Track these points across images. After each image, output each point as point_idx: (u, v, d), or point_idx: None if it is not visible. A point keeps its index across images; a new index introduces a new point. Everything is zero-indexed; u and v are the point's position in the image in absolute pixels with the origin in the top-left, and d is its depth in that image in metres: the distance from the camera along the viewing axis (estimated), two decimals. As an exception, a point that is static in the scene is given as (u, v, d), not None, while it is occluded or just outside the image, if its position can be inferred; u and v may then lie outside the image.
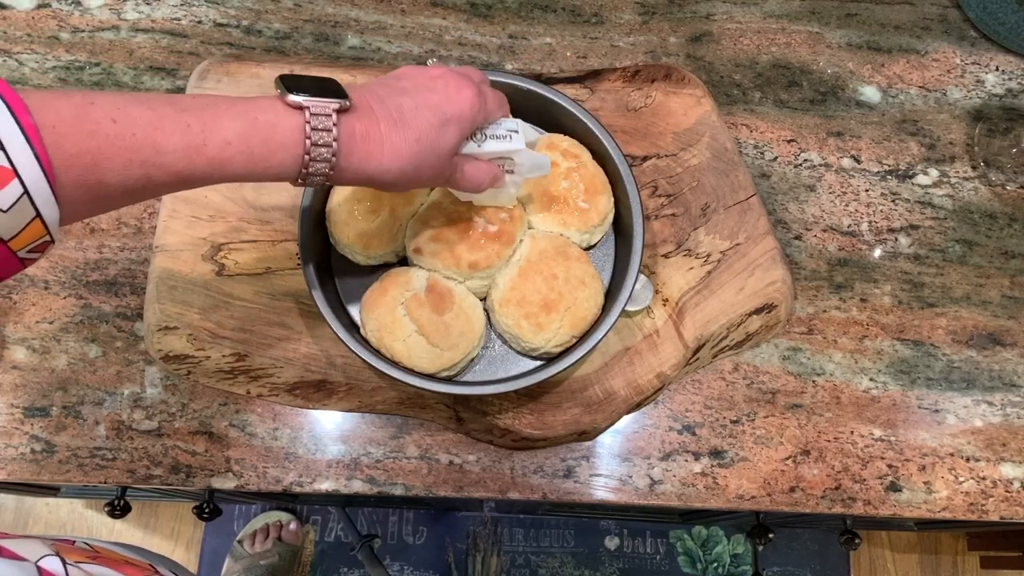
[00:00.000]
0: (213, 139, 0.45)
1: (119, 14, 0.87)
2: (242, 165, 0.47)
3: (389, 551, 1.61)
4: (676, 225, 0.79)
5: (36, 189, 0.39)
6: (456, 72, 0.56)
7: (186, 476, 0.74)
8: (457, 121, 0.53)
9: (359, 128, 0.49)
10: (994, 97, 0.90)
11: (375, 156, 0.50)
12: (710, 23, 0.91)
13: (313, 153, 0.48)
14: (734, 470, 0.76)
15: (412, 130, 0.51)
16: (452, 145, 0.54)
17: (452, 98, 0.53)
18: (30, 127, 0.39)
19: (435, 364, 0.66)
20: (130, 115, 0.43)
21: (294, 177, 0.49)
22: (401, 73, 0.55)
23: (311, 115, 0.47)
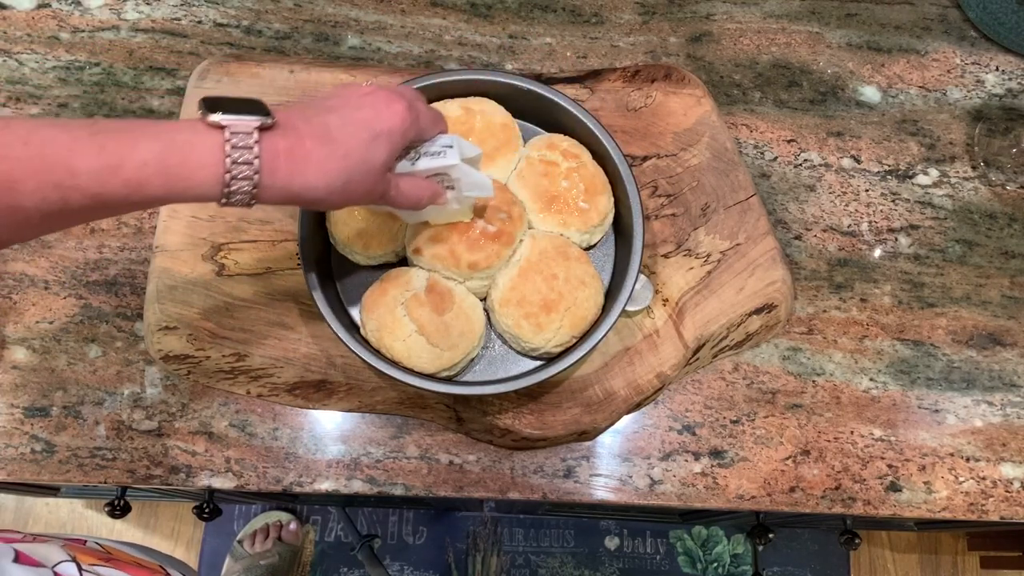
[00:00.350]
0: (129, 160, 0.44)
1: (119, 14, 0.87)
2: (160, 186, 0.46)
3: (389, 551, 1.61)
4: (676, 225, 0.79)
5: None
6: (386, 89, 0.55)
7: (186, 476, 0.74)
8: (387, 136, 0.53)
9: (283, 145, 0.49)
10: (994, 97, 0.90)
11: (300, 173, 0.49)
12: (710, 23, 0.91)
13: (234, 171, 0.47)
14: (734, 470, 0.76)
15: (339, 146, 0.50)
16: (383, 160, 0.53)
17: (381, 113, 0.53)
18: None
19: (435, 364, 0.66)
20: (42, 137, 0.42)
21: (217, 196, 0.48)
22: (329, 93, 0.55)
23: (231, 133, 0.46)
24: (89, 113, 0.83)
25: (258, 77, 0.80)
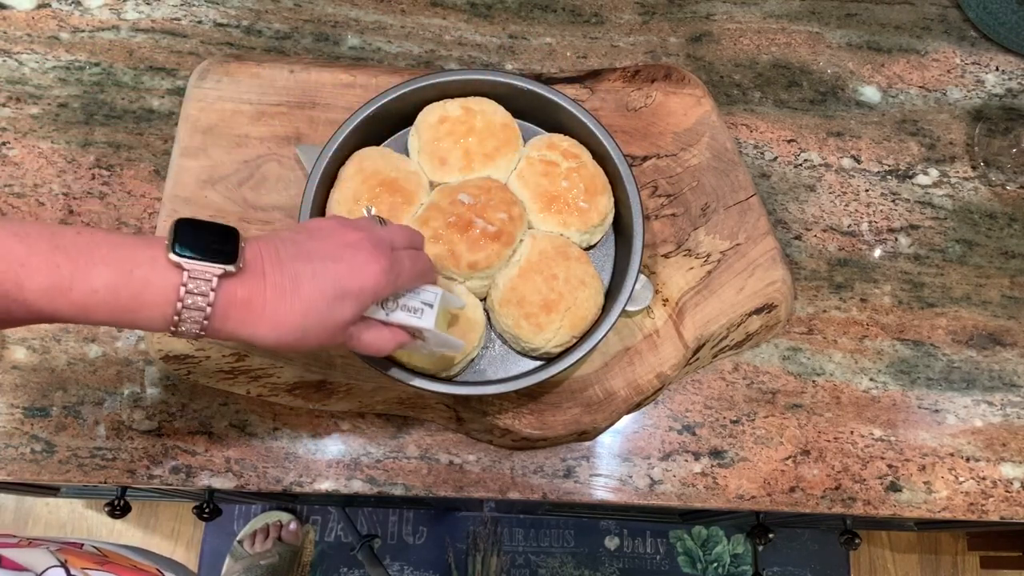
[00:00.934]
0: (80, 285, 0.43)
1: (119, 14, 0.87)
2: (105, 315, 0.45)
3: (389, 551, 1.61)
4: (676, 225, 0.79)
5: None
6: (371, 242, 0.52)
7: (186, 476, 0.74)
8: (356, 296, 0.50)
9: (240, 294, 0.47)
10: (994, 97, 0.90)
11: (252, 324, 0.48)
12: (710, 23, 0.91)
13: (183, 314, 0.46)
14: (734, 470, 0.76)
15: (300, 301, 0.48)
16: (346, 319, 0.51)
17: (356, 272, 0.50)
18: None
19: (435, 364, 0.66)
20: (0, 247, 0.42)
21: (162, 330, 0.47)
22: (317, 230, 0.52)
23: (189, 278, 0.45)
24: (89, 113, 0.83)
25: (258, 77, 0.80)
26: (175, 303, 0.45)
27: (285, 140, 0.79)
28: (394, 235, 0.56)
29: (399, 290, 0.55)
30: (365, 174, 0.69)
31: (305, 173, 0.76)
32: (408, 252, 0.55)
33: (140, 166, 0.82)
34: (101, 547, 0.61)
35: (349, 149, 0.71)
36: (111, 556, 0.59)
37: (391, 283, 0.52)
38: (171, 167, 0.78)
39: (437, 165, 0.71)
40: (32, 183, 0.81)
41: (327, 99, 0.80)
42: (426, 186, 0.71)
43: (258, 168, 0.78)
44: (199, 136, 0.78)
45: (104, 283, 0.44)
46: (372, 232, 0.53)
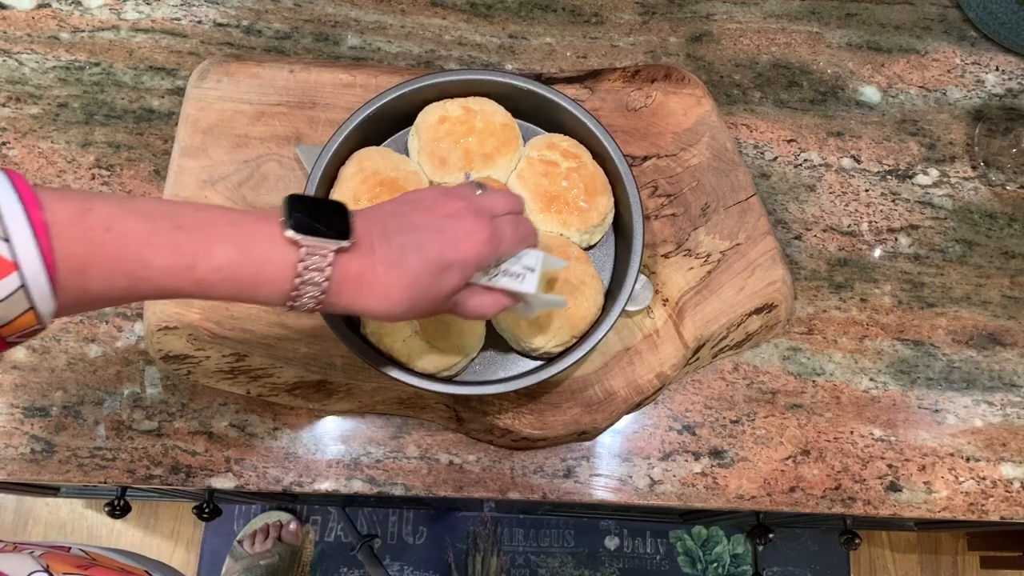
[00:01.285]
0: (203, 263, 0.44)
1: (119, 14, 0.87)
2: (227, 292, 0.46)
3: (389, 551, 1.61)
4: (676, 225, 0.79)
5: (35, 283, 0.39)
6: (473, 211, 0.52)
7: (186, 476, 0.74)
8: (460, 267, 0.51)
9: (354, 269, 0.48)
10: (994, 97, 0.90)
11: (364, 297, 0.49)
12: (710, 23, 0.91)
13: (301, 290, 0.47)
14: (734, 470, 0.76)
15: (408, 273, 0.49)
16: (451, 289, 0.52)
17: (459, 243, 0.51)
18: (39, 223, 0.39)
19: (435, 364, 0.66)
20: (124, 226, 0.42)
21: (279, 304, 0.48)
22: (419, 201, 0.53)
23: (307, 254, 0.46)
24: (89, 113, 0.83)
25: (258, 77, 0.80)
26: (293, 279, 0.46)
27: (285, 140, 0.79)
28: (494, 202, 0.56)
29: (503, 255, 0.55)
30: (365, 174, 0.69)
31: (305, 173, 0.76)
32: (508, 218, 0.56)
33: (140, 166, 0.82)
34: (89, 550, 0.60)
35: (349, 149, 0.71)
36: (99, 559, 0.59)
37: (494, 251, 0.53)
38: (171, 167, 0.77)
39: (437, 165, 0.71)
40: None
41: (327, 99, 0.80)
42: (426, 186, 0.71)
43: (258, 168, 0.78)
44: (199, 136, 0.78)
45: (226, 261, 0.45)
46: (473, 201, 0.54)
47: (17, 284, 0.38)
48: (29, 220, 0.39)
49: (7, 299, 0.38)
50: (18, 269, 0.38)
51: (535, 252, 0.57)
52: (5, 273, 0.38)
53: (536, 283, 0.56)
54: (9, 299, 0.39)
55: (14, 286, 0.38)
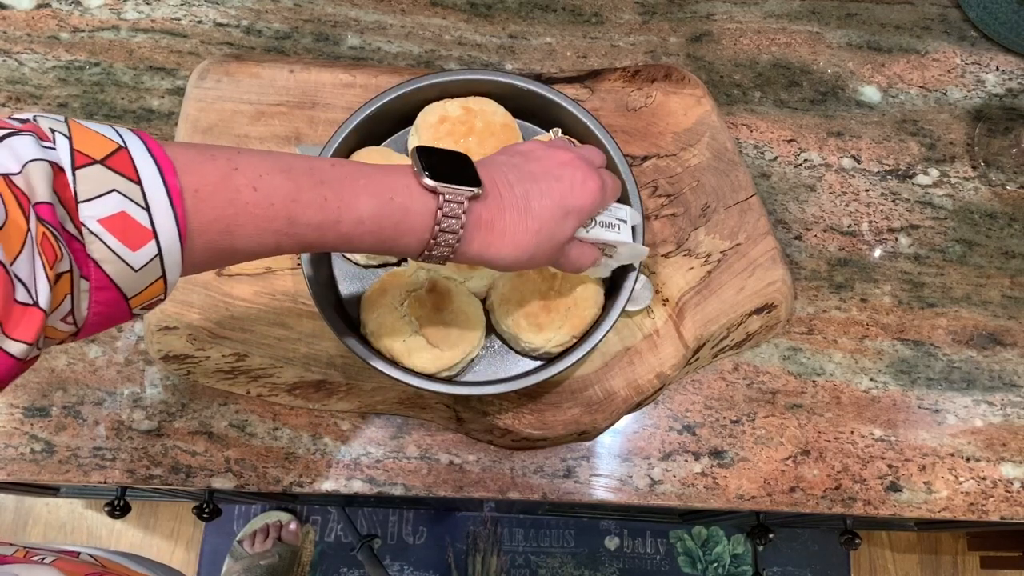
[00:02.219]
0: (347, 216, 0.45)
1: (119, 14, 0.87)
2: (369, 243, 0.47)
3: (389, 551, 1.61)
4: (676, 225, 0.79)
5: (169, 252, 0.39)
6: (582, 160, 0.55)
7: (186, 476, 0.74)
8: (577, 213, 0.53)
9: (485, 216, 0.49)
10: (994, 97, 0.90)
11: (495, 244, 0.50)
12: (710, 23, 0.91)
13: (439, 238, 0.48)
14: (734, 470, 0.76)
15: (534, 220, 0.51)
16: (568, 235, 0.54)
17: (576, 190, 0.53)
18: (175, 190, 0.39)
19: (435, 364, 0.66)
20: (271, 184, 0.42)
21: (415, 254, 0.49)
22: (531, 152, 0.55)
23: (444, 201, 0.47)
24: (89, 113, 0.83)
25: (258, 77, 0.80)
26: (432, 227, 0.48)
27: (285, 140, 0.79)
28: (592, 155, 0.59)
29: (604, 207, 0.57)
30: (365, 174, 0.69)
31: (305, 173, 0.76)
32: (607, 171, 0.58)
33: (140, 166, 0.82)
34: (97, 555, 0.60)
35: (349, 149, 0.71)
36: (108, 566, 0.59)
37: (604, 199, 0.55)
38: (171, 167, 0.77)
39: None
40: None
41: (327, 99, 0.80)
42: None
43: (258, 168, 0.78)
44: (199, 136, 0.78)
45: (369, 213, 0.46)
46: (579, 153, 0.56)
47: (154, 252, 0.38)
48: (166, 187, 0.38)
49: (145, 267, 0.38)
50: (155, 238, 0.38)
51: (623, 206, 0.60)
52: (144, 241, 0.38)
53: (630, 232, 0.59)
54: (146, 267, 0.39)
55: (151, 255, 0.38)
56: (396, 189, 0.47)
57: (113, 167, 0.37)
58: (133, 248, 0.38)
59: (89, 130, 0.38)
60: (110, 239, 0.37)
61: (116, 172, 0.37)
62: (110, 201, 0.37)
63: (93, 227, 0.37)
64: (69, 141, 0.37)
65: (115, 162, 0.37)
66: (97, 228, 0.37)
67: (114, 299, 0.39)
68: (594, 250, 0.58)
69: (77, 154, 0.37)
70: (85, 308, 0.38)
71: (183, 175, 0.39)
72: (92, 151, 0.37)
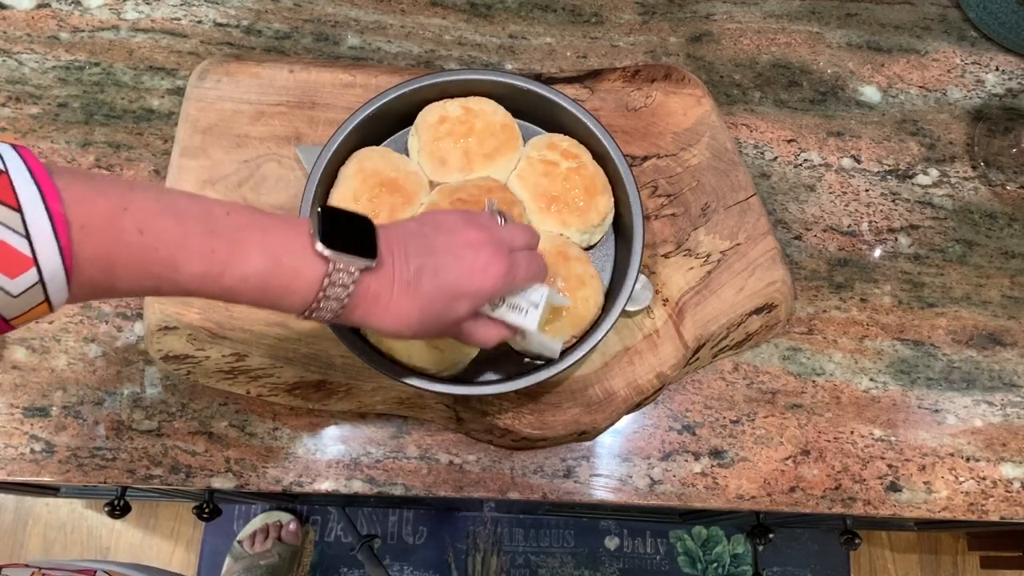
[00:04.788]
0: (232, 271, 0.44)
1: (119, 14, 0.87)
2: (251, 299, 0.47)
3: (389, 551, 1.61)
4: (676, 225, 0.79)
5: (52, 279, 0.38)
6: (494, 243, 0.53)
7: (186, 476, 0.74)
8: (472, 297, 0.52)
9: (373, 288, 0.49)
10: (994, 97, 0.90)
11: (377, 316, 0.50)
12: (710, 23, 0.91)
13: (322, 304, 0.48)
14: (734, 470, 0.76)
15: (422, 298, 0.50)
16: (460, 316, 0.53)
17: (475, 275, 0.52)
18: (59, 216, 0.38)
19: (435, 364, 0.66)
20: (158, 229, 0.42)
21: (295, 313, 0.49)
22: (442, 224, 0.53)
23: (334, 270, 0.47)
24: (89, 113, 0.83)
25: (258, 77, 0.80)
26: (317, 292, 0.47)
27: (285, 140, 0.79)
28: (514, 235, 0.57)
29: (514, 288, 0.56)
30: (365, 174, 0.69)
31: (305, 173, 0.76)
32: (525, 253, 0.56)
33: (140, 166, 0.82)
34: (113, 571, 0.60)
35: (349, 149, 0.71)
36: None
37: (507, 286, 0.54)
38: (171, 167, 0.77)
39: (437, 165, 0.71)
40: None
41: (327, 99, 0.80)
42: (426, 186, 0.71)
43: (258, 168, 0.78)
44: (199, 136, 0.78)
45: (255, 271, 0.45)
46: (494, 232, 0.54)
47: (35, 279, 0.38)
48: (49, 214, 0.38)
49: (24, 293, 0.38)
50: (36, 265, 0.38)
51: (541, 289, 0.58)
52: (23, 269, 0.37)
53: (537, 320, 0.57)
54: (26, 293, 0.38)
55: (32, 281, 0.38)
56: (288, 249, 0.46)
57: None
58: (11, 276, 0.37)
59: None
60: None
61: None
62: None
63: None
64: None
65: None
66: None
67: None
68: (499, 328, 0.57)
69: None
70: None
71: (70, 206, 0.39)
72: None
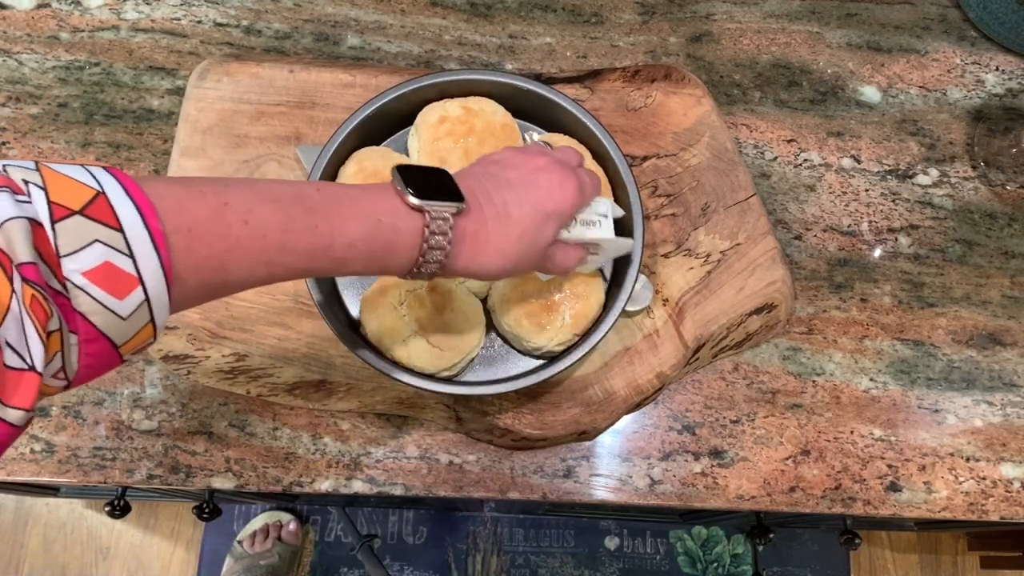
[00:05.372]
0: (338, 241, 0.45)
1: (119, 14, 0.87)
2: (361, 265, 0.47)
3: (389, 551, 1.61)
4: (676, 225, 0.79)
5: (155, 295, 0.38)
6: (558, 163, 0.55)
7: (186, 476, 0.74)
8: (557, 216, 0.54)
9: (470, 229, 0.50)
10: (994, 97, 0.90)
11: (480, 255, 0.51)
12: (710, 23, 0.91)
13: (427, 256, 0.48)
14: (734, 470, 0.76)
15: (515, 226, 0.51)
16: (550, 239, 0.54)
17: (555, 194, 0.53)
18: (157, 232, 0.38)
19: (435, 364, 0.66)
20: (261, 216, 0.42)
21: (403, 273, 0.50)
22: (505, 160, 0.55)
23: (431, 219, 0.48)
24: (89, 113, 0.83)
25: (258, 77, 0.80)
26: (420, 244, 0.48)
27: (285, 140, 0.79)
28: (568, 156, 0.59)
29: (584, 206, 0.58)
30: (365, 174, 0.69)
31: (305, 173, 0.76)
32: (584, 169, 0.58)
33: (140, 166, 0.82)
34: None
35: (349, 149, 0.71)
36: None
37: (583, 199, 0.56)
38: (171, 167, 0.78)
39: (437, 165, 0.71)
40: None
41: (327, 99, 0.80)
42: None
43: (258, 168, 0.78)
44: (199, 136, 0.78)
45: (360, 236, 0.46)
46: (554, 156, 0.56)
47: (141, 298, 0.37)
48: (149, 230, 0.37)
49: (133, 314, 0.38)
50: (142, 283, 0.37)
51: (603, 200, 0.60)
52: (130, 288, 0.37)
53: (612, 227, 0.59)
54: (135, 314, 0.38)
55: (139, 301, 0.37)
56: (383, 210, 0.47)
57: (93, 216, 0.36)
58: (120, 297, 0.37)
59: (63, 176, 0.37)
60: (96, 291, 0.36)
61: (96, 221, 0.36)
62: (93, 252, 0.36)
63: (78, 280, 0.35)
64: (45, 192, 0.36)
65: (94, 210, 0.36)
66: (82, 281, 0.35)
67: (104, 350, 0.38)
68: (578, 250, 0.59)
69: (54, 206, 0.35)
70: (75, 362, 0.38)
71: (174, 215, 0.39)
72: (69, 201, 0.36)
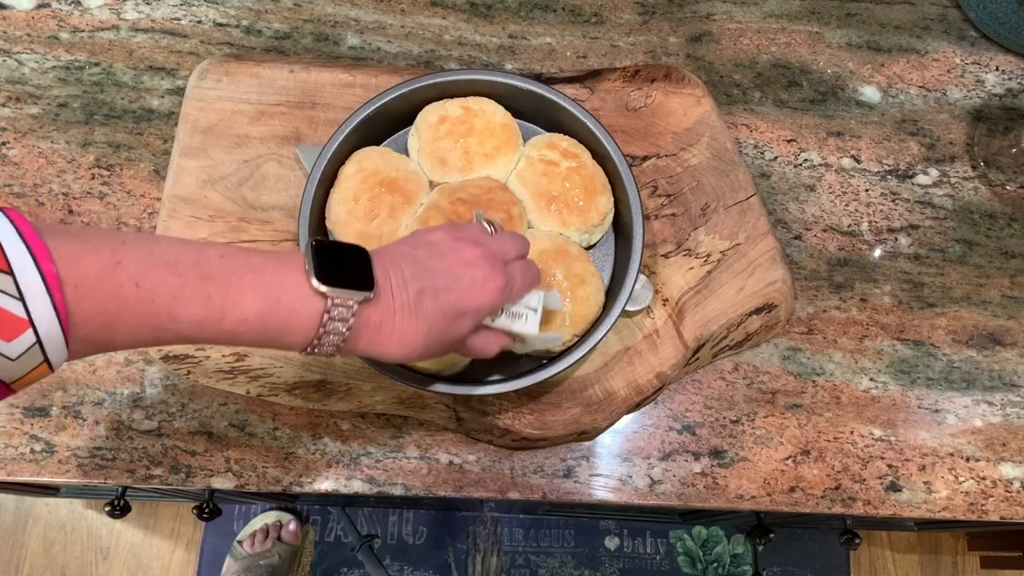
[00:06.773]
0: (231, 315, 0.44)
1: (119, 14, 0.87)
2: (251, 340, 0.46)
3: (389, 551, 1.61)
4: (676, 225, 0.79)
5: (49, 338, 0.38)
6: (489, 258, 0.53)
7: (186, 476, 0.74)
8: (475, 313, 0.52)
9: (374, 318, 0.49)
10: (994, 97, 0.90)
11: (382, 344, 0.50)
12: (710, 23, 0.91)
13: (323, 339, 0.47)
14: (734, 470, 0.76)
15: (425, 322, 0.50)
16: (463, 334, 0.53)
17: (475, 293, 0.52)
18: (51, 276, 0.38)
19: (435, 364, 0.66)
20: (154, 280, 0.42)
21: (299, 350, 0.49)
22: (435, 244, 0.53)
23: (333, 305, 0.46)
24: (89, 113, 0.83)
25: (258, 77, 0.80)
26: (317, 328, 0.47)
27: (285, 140, 0.79)
28: (506, 247, 0.56)
29: (511, 299, 0.56)
30: (365, 174, 0.69)
31: (305, 173, 0.76)
32: (519, 264, 0.56)
33: (140, 166, 0.82)
34: None
35: (349, 149, 0.71)
36: None
37: (506, 298, 0.54)
38: (171, 167, 0.78)
39: (437, 165, 0.71)
40: (32, 183, 0.81)
41: (327, 99, 0.80)
42: (426, 186, 0.71)
43: (258, 168, 0.78)
44: (199, 136, 0.78)
45: (254, 312, 0.45)
46: (487, 247, 0.54)
47: (32, 341, 0.37)
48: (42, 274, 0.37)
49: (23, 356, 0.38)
50: (32, 326, 0.37)
51: (537, 293, 0.58)
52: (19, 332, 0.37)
53: (538, 323, 0.58)
54: (24, 356, 0.38)
55: (28, 343, 0.37)
56: (284, 288, 0.46)
57: None
58: (7, 339, 0.37)
59: None
60: None
61: None
62: None
63: None
64: None
65: None
66: None
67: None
68: (500, 337, 0.57)
69: None
70: None
71: (63, 266, 0.39)
72: None
